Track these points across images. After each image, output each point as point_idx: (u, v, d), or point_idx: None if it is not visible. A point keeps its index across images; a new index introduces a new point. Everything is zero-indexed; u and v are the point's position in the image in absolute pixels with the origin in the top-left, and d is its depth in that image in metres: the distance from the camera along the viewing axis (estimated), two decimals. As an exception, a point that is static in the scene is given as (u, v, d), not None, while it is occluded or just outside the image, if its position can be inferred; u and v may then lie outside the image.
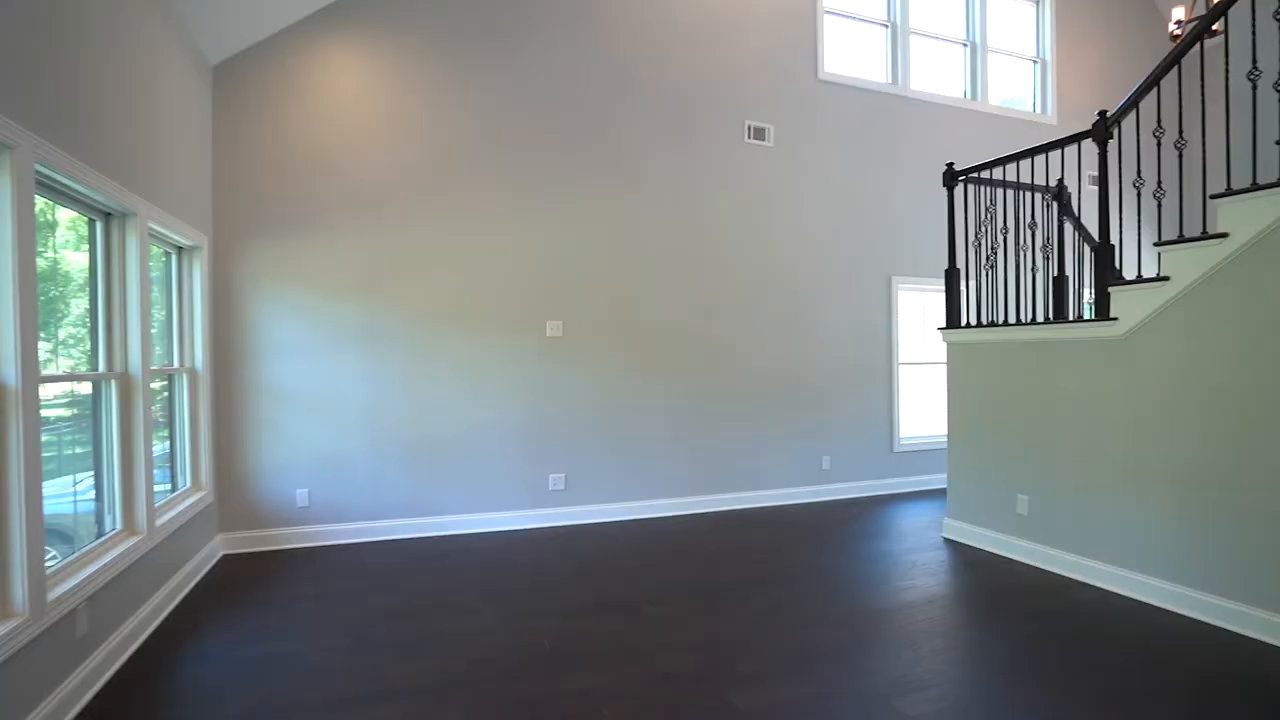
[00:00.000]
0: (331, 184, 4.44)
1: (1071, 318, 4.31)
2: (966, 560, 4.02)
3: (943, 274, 4.63)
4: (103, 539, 2.84)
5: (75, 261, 2.89)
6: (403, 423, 4.57)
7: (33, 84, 2.18)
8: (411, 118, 4.61)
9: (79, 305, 2.91)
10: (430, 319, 4.63)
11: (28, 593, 2.06)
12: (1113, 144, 3.50)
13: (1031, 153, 3.94)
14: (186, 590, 3.58)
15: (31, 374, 2.11)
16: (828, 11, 5.81)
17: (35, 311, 2.15)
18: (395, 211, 4.57)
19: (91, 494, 2.93)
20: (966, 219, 4.60)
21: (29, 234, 2.12)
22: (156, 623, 3.14)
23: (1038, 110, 6.88)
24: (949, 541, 4.38)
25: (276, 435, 4.35)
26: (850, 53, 6.00)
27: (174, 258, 3.90)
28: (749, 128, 5.49)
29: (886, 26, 6.14)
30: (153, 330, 3.40)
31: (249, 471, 4.32)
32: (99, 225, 2.95)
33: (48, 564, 2.29)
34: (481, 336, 4.75)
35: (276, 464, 4.36)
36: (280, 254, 4.36)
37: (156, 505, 3.23)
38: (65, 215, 2.77)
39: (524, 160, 4.86)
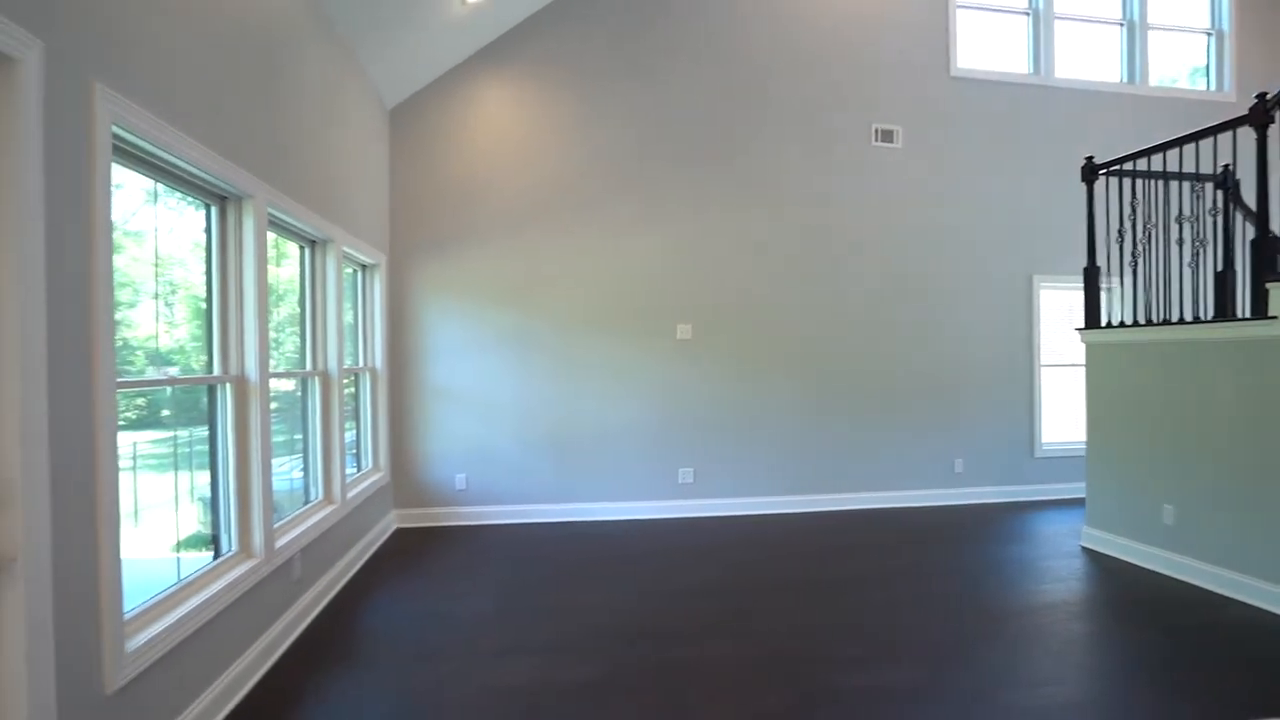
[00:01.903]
0: (487, 204, 5.03)
1: (1233, 316, 3.97)
2: (1103, 569, 3.84)
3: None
4: (309, 505, 3.50)
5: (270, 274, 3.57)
6: (547, 417, 5.08)
7: (266, 142, 2.80)
8: (556, 141, 5.10)
9: (277, 313, 3.56)
10: (573, 323, 5.10)
11: (263, 541, 2.66)
12: (1273, 129, 3.25)
13: (1179, 142, 3.71)
14: (369, 555, 4.25)
15: (265, 371, 2.71)
16: (960, 6, 5.67)
17: (267, 322, 2.76)
18: (542, 226, 5.08)
19: (291, 474, 3.60)
20: (1109, 214, 4.34)
21: (263, 263, 2.73)
22: (347, 578, 3.79)
23: (1213, 88, 6.25)
24: (1086, 550, 4.18)
25: (440, 426, 5.00)
26: (985, 45, 5.80)
27: (359, 274, 4.62)
28: (876, 130, 5.49)
29: (1028, 14, 5.87)
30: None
31: (417, 457, 5.00)
32: (307, 251, 3.62)
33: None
34: (618, 339, 5.15)
35: (439, 451, 5.01)
36: (444, 268, 5.01)
37: (347, 481, 3.90)
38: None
39: (657, 172, 5.21)
